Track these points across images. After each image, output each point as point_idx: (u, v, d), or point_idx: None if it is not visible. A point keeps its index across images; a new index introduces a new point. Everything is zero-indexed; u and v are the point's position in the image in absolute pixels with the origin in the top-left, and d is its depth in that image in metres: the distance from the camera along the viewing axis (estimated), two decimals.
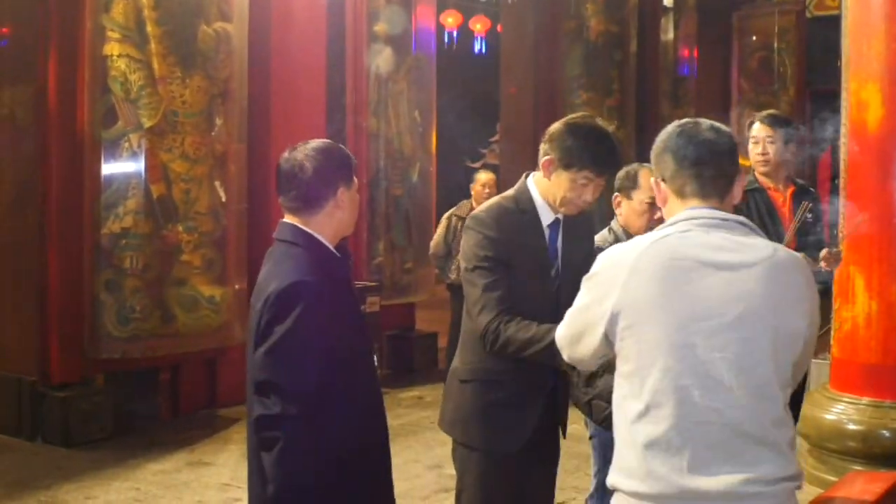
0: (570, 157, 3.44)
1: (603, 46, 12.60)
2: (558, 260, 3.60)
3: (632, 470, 2.46)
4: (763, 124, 5.34)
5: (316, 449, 2.84)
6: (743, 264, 2.49)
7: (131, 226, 7.48)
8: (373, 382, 3.11)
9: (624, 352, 2.51)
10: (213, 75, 7.89)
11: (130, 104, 7.45)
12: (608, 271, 2.57)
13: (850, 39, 6.16)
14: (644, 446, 2.43)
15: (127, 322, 7.45)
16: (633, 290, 2.47)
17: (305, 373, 2.85)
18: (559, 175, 3.48)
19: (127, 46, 7.42)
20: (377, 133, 9.96)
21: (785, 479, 2.45)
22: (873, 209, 5.81)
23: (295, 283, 2.90)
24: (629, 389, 2.49)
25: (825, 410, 6.21)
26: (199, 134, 7.79)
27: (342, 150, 3.13)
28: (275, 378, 2.86)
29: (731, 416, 2.40)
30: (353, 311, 3.08)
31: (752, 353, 2.43)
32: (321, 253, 3.01)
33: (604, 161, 3.48)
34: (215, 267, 7.98)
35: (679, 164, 2.61)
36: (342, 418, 2.91)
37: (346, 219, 3.09)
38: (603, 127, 3.54)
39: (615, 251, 2.61)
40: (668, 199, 2.66)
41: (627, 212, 4.24)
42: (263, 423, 2.86)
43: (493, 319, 3.42)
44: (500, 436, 3.52)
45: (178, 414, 8.09)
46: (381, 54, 9.98)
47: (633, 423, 2.46)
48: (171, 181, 7.64)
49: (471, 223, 3.58)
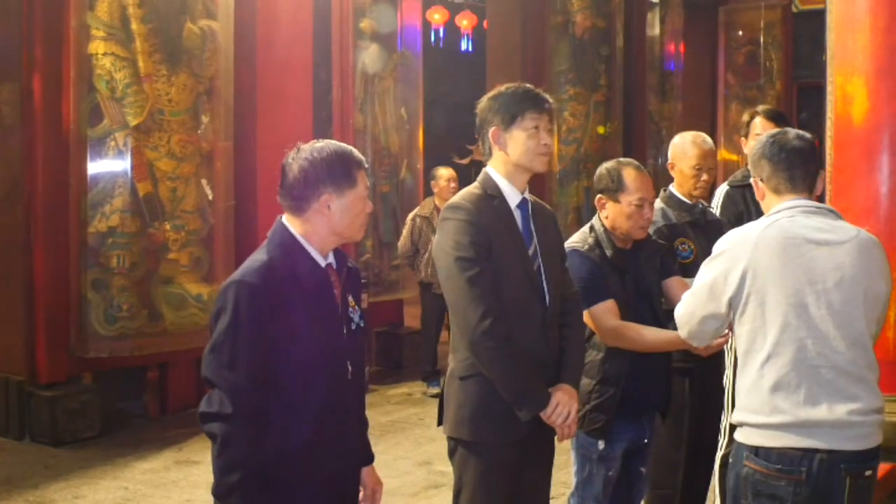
0: (506, 112, 3.61)
1: (590, 41, 12.59)
2: (534, 240, 3.66)
3: (758, 407, 3.17)
4: (767, 120, 5.29)
5: (250, 449, 2.84)
6: (837, 241, 3.20)
7: (118, 224, 7.47)
8: (336, 391, 3.01)
9: (746, 315, 3.19)
10: (198, 73, 7.88)
11: (116, 102, 7.44)
12: (735, 248, 3.25)
13: (835, 33, 6.18)
14: (769, 388, 3.14)
15: (114, 321, 7.45)
16: (757, 262, 3.17)
17: (237, 373, 2.84)
18: (510, 136, 3.61)
19: (112, 44, 7.41)
20: (364, 130, 9.95)
21: (876, 411, 3.18)
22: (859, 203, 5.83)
23: (232, 283, 2.92)
24: (750, 345, 3.20)
25: None
26: (185, 132, 7.79)
27: (341, 156, 3.03)
28: (210, 375, 2.89)
29: (836, 360, 3.12)
30: (317, 321, 2.98)
31: (850, 311, 3.15)
32: (290, 256, 2.98)
33: (534, 97, 3.64)
34: (202, 265, 7.98)
35: (774, 168, 3.34)
36: (286, 422, 2.90)
37: (334, 226, 3.01)
38: None
39: (737, 234, 3.31)
40: (766, 195, 3.40)
41: (614, 214, 4.17)
42: (203, 419, 2.89)
43: (483, 317, 3.44)
44: (509, 424, 3.53)
45: (165, 412, 8.09)
46: (367, 51, 9.99)
47: (758, 370, 3.16)
48: (158, 179, 7.63)
49: (447, 213, 3.60)
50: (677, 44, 15.47)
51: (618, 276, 4.14)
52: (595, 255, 4.12)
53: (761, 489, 3.17)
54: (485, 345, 3.46)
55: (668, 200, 4.87)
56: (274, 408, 2.90)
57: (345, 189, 3.01)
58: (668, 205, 4.84)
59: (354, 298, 3.15)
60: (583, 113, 12.47)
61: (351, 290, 3.13)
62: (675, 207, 4.84)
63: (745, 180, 5.33)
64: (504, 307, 3.50)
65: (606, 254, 4.13)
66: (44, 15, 7.41)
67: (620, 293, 4.12)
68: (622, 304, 4.10)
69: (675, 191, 4.91)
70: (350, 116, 9.79)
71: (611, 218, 4.17)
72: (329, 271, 3.05)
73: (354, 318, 3.09)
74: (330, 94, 9.76)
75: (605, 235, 4.17)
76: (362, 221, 3.09)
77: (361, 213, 3.06)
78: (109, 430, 7.57)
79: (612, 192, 4.17)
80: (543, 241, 3.69)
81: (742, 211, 5.22)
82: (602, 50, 12.75)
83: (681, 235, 4.75)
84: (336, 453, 3.02)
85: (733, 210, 5.22)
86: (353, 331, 3.08)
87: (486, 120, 3.67)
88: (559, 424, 3.58)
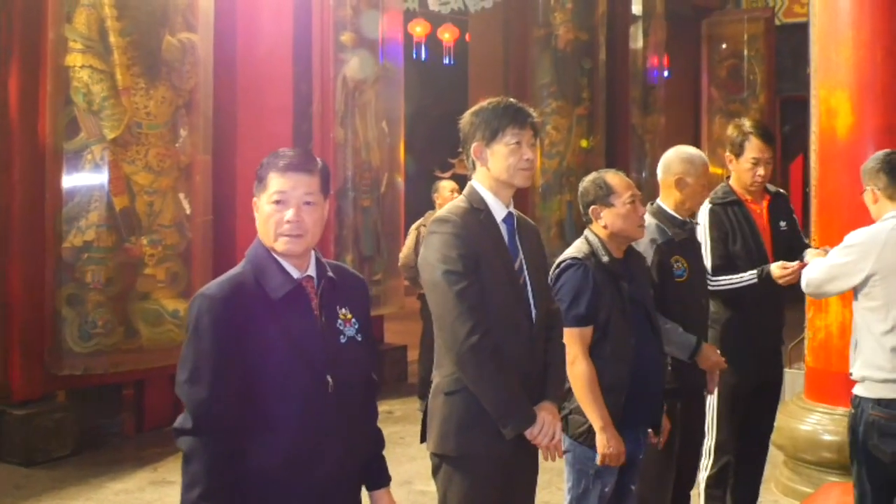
0: (487, 128, 3.62)
1: (572, 54, 12.62)
2: (520, 254, 3.67)
3: (881, 364, 4.25)
4: (763, 143, 5.26)
5: (212, 464, 2.81)
6: None
7: (94, 239, 7.42)
8: (313, 406, 2.93)
9: (872, 294, 4.28)
10: (177, 86, 7.85)
11: (93, 115, 7.40)
12: (867, 243, 4.31)
13: (818, 46, 6.20)
14: (891, 350, 4.23)
15: (89, 337, 7.39)
16: (886, 256, 4.25)
17: (198, 386, 2.83)
18: (492, 152, 3.62)
19: (90, 57, 7.38)
20: (345, 143, 9.92)
21: None
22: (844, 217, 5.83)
23: (196, 296, 2.90)
24: (875, 317, 4.28)
25: (800, 421, 6.23)
26: (163, 145, 7.75)
27: (276, 154, 2.97)
28: (178, 390, 2.88)
29: None
30: (288, 334, 2.91)
31: None
32: (261, 269, 2.94)
33: (515, 111, 3.65)
34: (180, 281, 7.93)
35: (891, 180, 4.37)
36: (261, 437, 2.87)
37: (260, 232, 2.95)
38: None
39: (868, 231, 4.38)
40: (880, 200, 4.40)
41: (611, 219, 4.21)
42: (174, 435, 2.88)
43: (471, 332, 3.44)
44: (495, 438, 3.52)
45: (141, 431, 8.03)
46: (348, 64, 9.96)
47: (880, 336, 4.25)
48: (135, 193, 7.59)
49: (434, 226, 3.61)
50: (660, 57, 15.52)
51: (613, 283, 4.16)
52: (591, 263, 4.14)
53: (886, 430, 4.22)
54: (472, 360, 3.46)
55: (658, 216, 4.79)
56: (248, 423, 2.86)
57: (259, 190, 2.96)
58: (659, 220, 4.76)
59: (352, 311, 3.07)
60: (565, 126, 12.50)
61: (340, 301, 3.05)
62: (669, 223, 4.77)
63: (726, 197, 5.31)
64: (491, 321, 3.49)
65: (602, 260, 4.16)
66: (21, 27, 7.37)
67: (616, 300, 4.14)
68: (617, 311, 4.13)
69: (665, 206, 4.85)
70: (331, 130, 9.76)
71: (609, 224, 4.21)
72: (305, 283, 2.99)
73: (346, 331, 3.03)
74: (310, 107, 9.73)
75: (599, 244, 4.21)
76: (279, 231, 2.92)
77: (269, 218, 2.92)
78: (84, 449, 7.50)
79: (603, 199, 4.23)
80: (529, 255, 3.70)
81: (728, 230, 5.21)
82: (585, 63, 12.79)
83: (675, 253, 4.70)
84: (317, 471, 2.95)
85: (720, 228, 5.21)
86: (342, 344, 3.01)
87: (469, 135, 3.67)
88: (544, 445, 3.57)
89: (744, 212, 5.27)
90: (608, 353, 4.12)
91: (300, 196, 2.93)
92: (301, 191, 2.93)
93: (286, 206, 2.91)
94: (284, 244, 2.93)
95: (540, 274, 3.76)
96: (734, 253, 5.19)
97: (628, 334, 4.14)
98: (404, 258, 9.08)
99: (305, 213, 2.93)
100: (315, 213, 2.96)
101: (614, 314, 4.12)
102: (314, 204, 2.95)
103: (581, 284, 4.11)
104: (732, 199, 5.29)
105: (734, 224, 5.22)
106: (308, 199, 2.94)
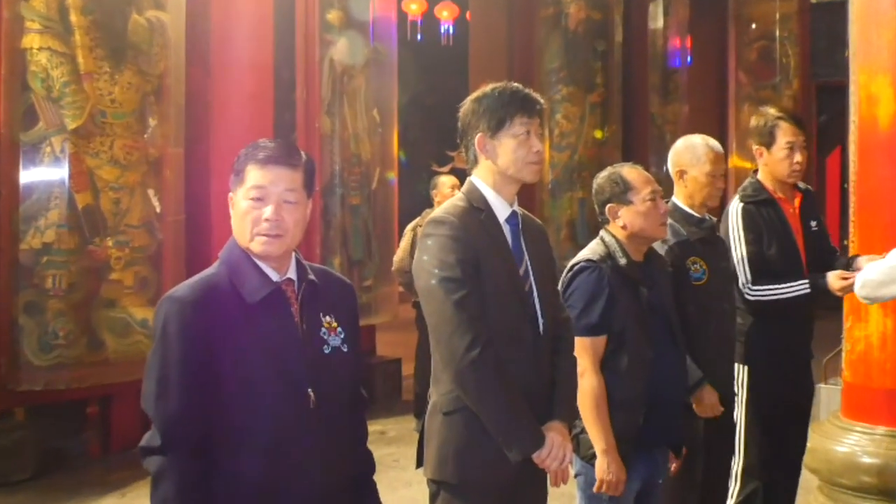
0: (492, 117, 3.60)
1: (584, 36, 12.63)
2: (525, 258, 3.65)
3: None
4: (795, 126, 5.28)
5: (184, 485, 2.81)
6: None
7: (54, 241, 7.43)
8: (291, 422, 2.93)
9: None
10: (145, 70, 7.87)
11: (52, 103, 7.41)
12: None
13: (857, 27, 6.20)
14: None
15: (50, 349, 7.40)
16: None
17: (167, 401, 2.83)
18: (499, 144, 3.60)
19: (49, 38, 7.40)
20: (331, 134, 9.94)
21: None
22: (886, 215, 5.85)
23: (163, 300, 2.90)
24: None
25: (837, 442, 6.23)
26: (130, 136, 7.76)
27: (255, 145, 2.98)
28: (144, 404, 2.88)
29: None
30: (264, 342, 2.91)
31: None
32: (237, 271, 2.95)
33: (523, 98, 3.63)
34: (149, 286, 7.95)
35: None
36: (234, 455, 2.87)
37: (235, 230, 2.96)
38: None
39: None
40: None
41: (630, 217, 4.22)
42: (141, 454, 2.88)
43: (471, 345, 3.42)
44: (498, 463, 3.50)
45: (108, 452, 8.04)
46: (335, 46, 9.98)
47: None
48: (99, 190, 7.60)
49: (430, 228, 3.59)
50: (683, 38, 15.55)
51: (631, 288, 4.16)
52: (607, 266, 4.14)
53: None
54: (473, 376, 3.44)
55: (674, 214, 4.79)
56: (220, 438, 2.86)
57: (235, 185, 2.97)
58: (674, 219, 4.77)
59: (337, 319, 3.08)
60: (577, 116, 12.51)
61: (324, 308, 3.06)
62: (684, 222, 4.79)
63: (758, 195, 5.31)
64: (493, 333, 3.48)
65: (619, 263, 4.16)
66: None
67: (633, 307, 4.14)
68: (635, 320, 4.13)
69: (681, 203, 4.87)
70: (316, 119, 9.78)
71: (629, 224, 4.22)
72: (286, 287, 2.99)
73: (330, 341, 3.03)
74: (293, 94, 9.75)
75: (617, 245, 4.22)
76: (256, 230, 2.93)
77: (245, 216, 2.93)
78: (45, 471, 7.51)
79: (620, 197, 4.24)
80: (535, 259, 3.68)
81: (762, 231, 5.20)
82: (598, 45, 12.80)
83: (692, 254, 4.71)
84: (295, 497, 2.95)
85: (754, 229, 5.19)
86: (325, 354, 3.01)
87: (470, 125, 3.65)
88: (554, 470, 3.57)
89: (777, 212, 5.27)
90: (624, 366, 4.12)
91: (280, 192, 2.93)
92: (282, 186, 2.93)
93: (264, 202, 2.92)
94: (261, 245, 2.93)
95: (547, 280, 3.75)
96: (769, 258, 5.19)
97: (646, 346, 4.15)
98: (398, 262, 9.09)
99: (286, 211, 2.93)
100: (297, 213, 2.96)
101: (631, 323, 4.11)
102: (296, 202, 2.96)
103: (595, 290, 4.11)
104: (765, 197, 5.28)
105: (769, 225, 5.21)
106: (289, 196, 2.94)
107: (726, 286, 4.92)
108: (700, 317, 4.66)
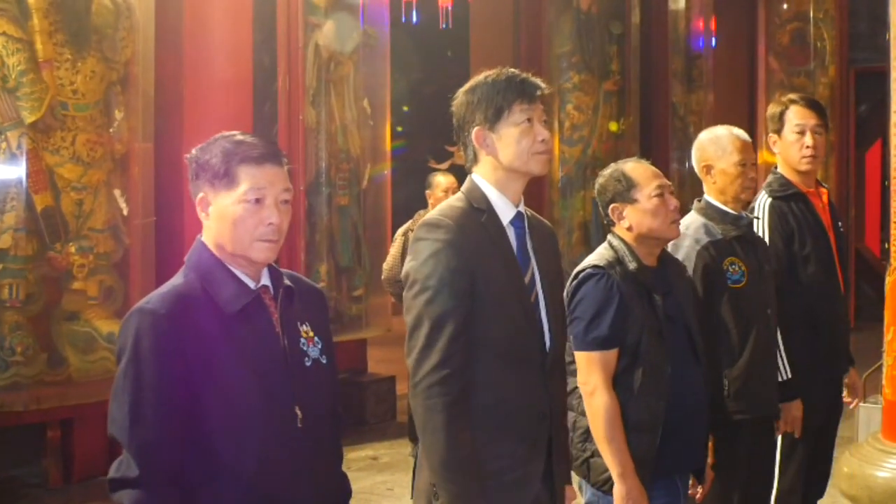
0: (489, 107, 3.57)
1: (598, 18, 12.63)
2: (531, 264, 3.63)
3: None
4: (807, 108, 5.32)
5: None
6: None
7: (10, 246, 7.44)
8: (278, 445, 2.93)
9: None
10: (110, 57, 7.88)
11: (8, 94, 7.43)
12: None
13: None
14: None
15: (5, 367, 7.41)
16: None
17: (142, 426, 2.81)
18: (499, 136, 3.57)
19: (3, 22, 7.41)
20: (317, 127, 9.94)
21: None
22: None
23: (133, 312, 2.91)
24: None
25: (877, 466, 6.24)
26: (93, 130, 7.78)
27: (233, 140, 3.00)
28: (113, 430, 2.86)
29: None
30: (245, 357, 2.91)
31: None
32: (209, 278, 2.95)
33: (521, 83, 3.61)
34: (115, 297, 7.96)
35: None
36: (214, 486, 2.86)
37: (223, 237, 2.95)
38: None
39: None
40: None
41: (637, 217, 4.21)
42: (111, 486, 2.84)
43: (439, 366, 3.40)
44: (502, 492, 3.48)
45: (70, 481, 8.04)
46: (321, 29, 9.99)
47: None
48: (60, 190, 7.61)
49: (422, 232, 3.56)
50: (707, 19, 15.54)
51: (644, 296, 4.17)
52: (616, 272, 4.14)
53: None
54: (423, 402, 3.41)
55: (706, 212, 4.85)
56: (199, 464, 2.85)
57: (215, 189, 2.95)
58: (708, 217, 4.82)
59: (313, 328, 3.08)
60: (590, 106, 12.51)
61: (300, 316, 3.06)
62: (718, 220, 4.82)
63: (786, 189, 5.34)
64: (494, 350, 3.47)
65: (629, 268, 4.16)
66: None
67: (648, 317, 4.14)
68: (650, 332, 4.13)
69: (713, 199, 4.90)
70: (299, 110, 9.78)
71: (635, 224, 4.22)
72: (263, 295, 3.00)
73: (310, 352, 3.03)
74: (275, 82, 9.77)
75: (626, 248, 4.23)
76: (258, 235, 2.93)
77: (242, 221, 2.92)
78: None
79: (624, 195, 4.25)
80: (543, 266, 3.66)
81: (793, 228, 5.23)
82: (614, 28, 12.81)
83: (729, 254, 4.74)
84: None
85: (784, 227, 5.22)
86: (307, 368, 3.01)
87: (466, 119, 3.63)
88: None
89: (810, 207, 5.31)
90: (639, 383, 4.12)
91: (278, 193, 2.95)
92: (279, 186, 2.96)
93: (262, 204, 2.93)
94: (264, 251, 2.94)
95: (556, 290, 3.74)
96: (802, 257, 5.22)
97: (664, 360, 4.14)
98: (388, 270, 9.07)
99: (282, 213, 2.97)
100: (289, 214, 2.99)
101: (646, 335, 4.11)
102: (289, 202, 2.98)
103: (603, 299, 4.11)
104: (793, 191, 5.31)
105: (800, 221, 5.24)
106: (286, 196, 2.97)
107: (768, 288, 4.93)
108: (741, 323, 4.68)
